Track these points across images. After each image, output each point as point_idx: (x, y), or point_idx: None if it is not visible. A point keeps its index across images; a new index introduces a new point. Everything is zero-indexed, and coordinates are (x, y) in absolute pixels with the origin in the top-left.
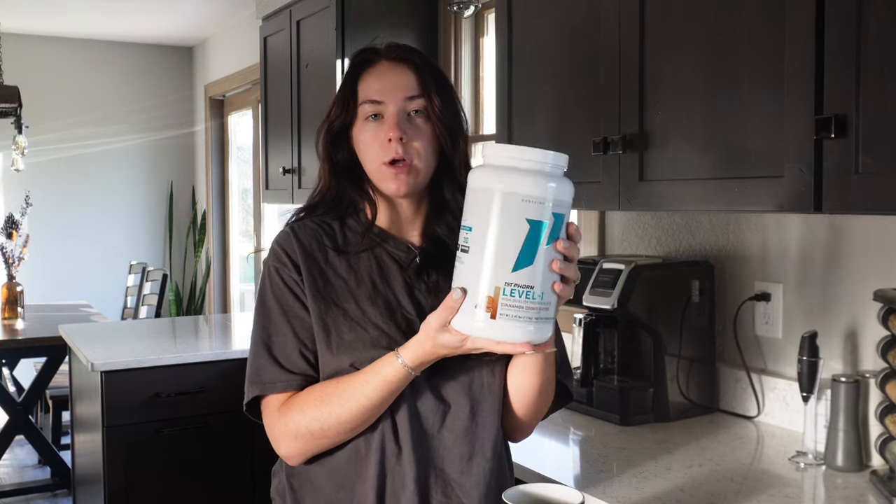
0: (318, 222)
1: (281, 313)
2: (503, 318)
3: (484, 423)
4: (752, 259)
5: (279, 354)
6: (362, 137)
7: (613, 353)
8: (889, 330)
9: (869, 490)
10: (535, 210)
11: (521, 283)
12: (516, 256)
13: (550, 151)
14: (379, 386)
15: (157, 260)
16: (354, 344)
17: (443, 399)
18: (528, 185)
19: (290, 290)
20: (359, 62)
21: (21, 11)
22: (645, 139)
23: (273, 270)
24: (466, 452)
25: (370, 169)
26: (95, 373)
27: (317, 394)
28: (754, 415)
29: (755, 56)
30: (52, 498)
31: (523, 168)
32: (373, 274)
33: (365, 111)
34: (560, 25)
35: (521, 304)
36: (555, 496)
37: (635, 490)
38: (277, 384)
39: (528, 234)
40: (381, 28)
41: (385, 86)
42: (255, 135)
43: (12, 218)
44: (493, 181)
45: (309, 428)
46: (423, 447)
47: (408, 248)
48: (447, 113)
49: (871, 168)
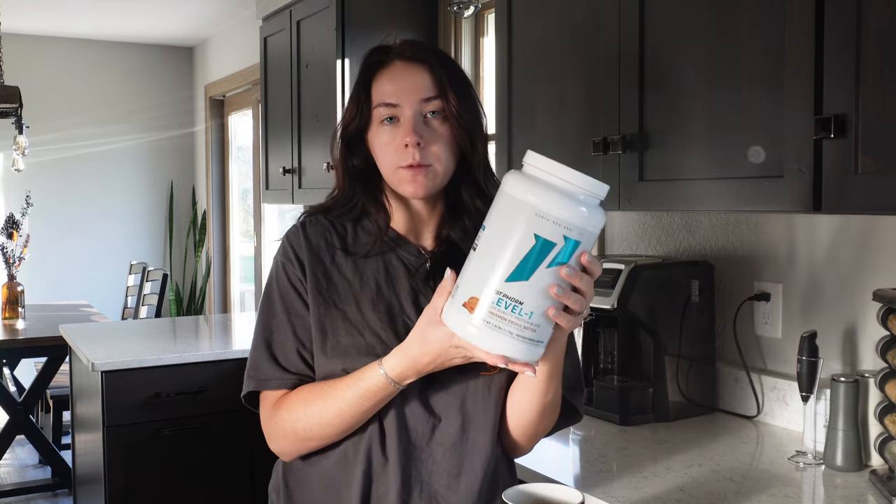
0: (331, 220)
1: (283, 310)
2: (486, 325)
3: (475, 439)
4: (752, 259)
5: (278, 352)
6: (378, 141)
7: (613, 353)
8: (888, 330)
9: (868, 490)
10: (546, 228)
11: (510, 296)
12: (514, 267)
13: (591, 178)
14: (359, 393)
15: (158, 260)
16: (349, 349)
17: (433, 411)
18: (548, 203)
19: (293, 288)
20: (371, 63)
21: (21, 11)
22: (645, 139)
23: (280, 266)
24: (455, 468)
25: (386, 172)
26: (96, 373)
27: (304, 394)
28: (754, 415)
29: (755, 56)
30: (52, 498)
31: (553, 185)
32: (378, 277)
33: (380, 114)
34: (560, 25)
35: (505, 317)
36: (555, 496)
37: (635, 490)
38: (272, 381)
39: (531, 249)
40: (381, 28)
41: (399, 87)
42: (255, 135)
43: (13, 218)
44: (516, 187)
45: (294, 427)
46: (410, 459)
47: (419, 252)
48: (465, 113)
49: (871, 168)
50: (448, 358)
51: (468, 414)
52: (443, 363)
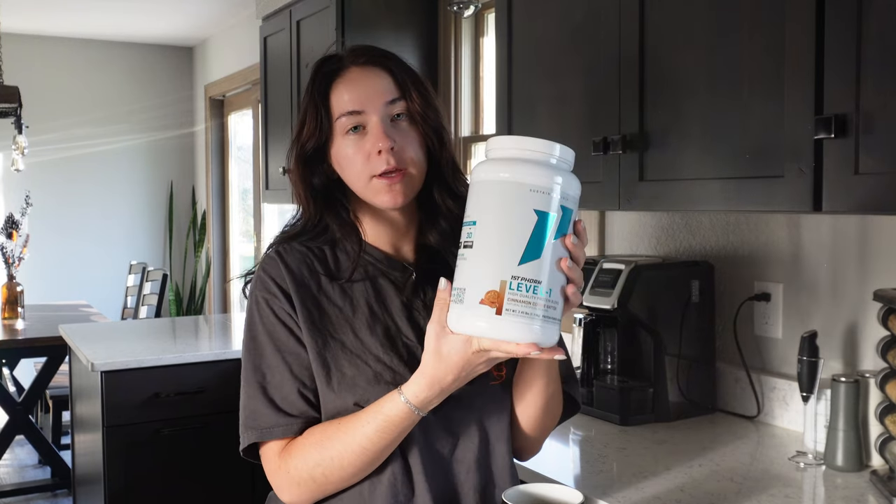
0: (307, 245)
1: (274, 350)
2: (509, 314)
3: (494, 450)
4: (752, 259)
5: (275, 396)
6: (343, 154)
7: (613, 353)
8: (889, 330)
9: (869, 490)
10: (542, 201)
11: (528, 277)
12: (524, 248)
13: (557, 143)
14: (381, 426)
15: (157, 260)
16: (357, 380)
17: (452, 430)
18: (535, 176)
19: (282, 324)
20: (324, 73)
21: (21, 11)
22: (645, 139)
23: (262, 302)
24: (480, 483)
25: (358, 186)
26: (95, 373)
27: (316, 437)
28: (754, 415)
29: (755, 56)
30: (52, 498)
31: (529, 158)
32: (369, 299)
33: (343, 125)
34: (560, 25)
35: (527, 300)
36: (555, 496)
37: (635, 490)
38: (276, 429)
39: (535, 225)
40: (380, 28)
41: (361, 94)
42: (255, 135)
43: (12, 218)
44: (499, 172)
45: (311, 475)
46: (438, 482)
47: (403, 266)
48: (430, 111)
49: (871, 168)
50: (472, 367)
51: (486, 426)
52: (468, 375)
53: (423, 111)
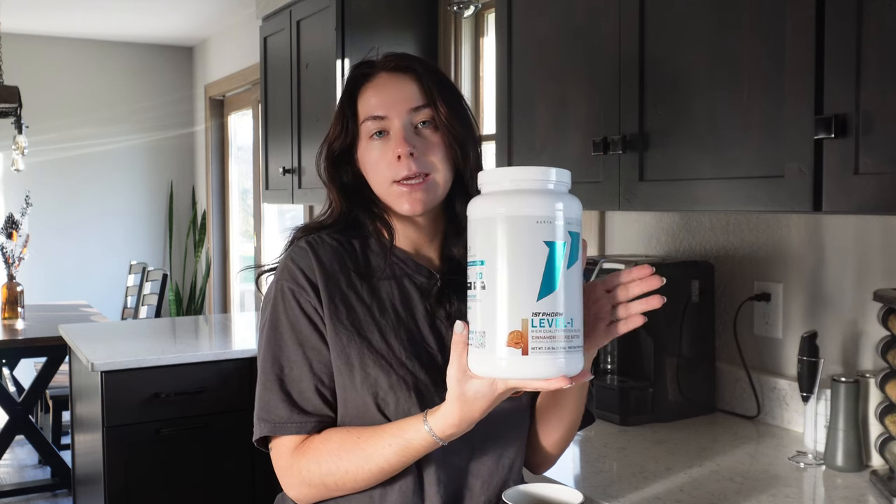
0: (338, 239)
1: (296, 343)
2: (535, 353)
3: (506, 463)
4: (752, 259)
5: (293, 390)
6: (368, 157)
7: (613, 353)
8: (889, 330)
9: (869, 490)
10: (549, 231)
11: (547, 312)
12: (540, 283)
13: (552, 168)
14: (401, 451)
15: (157, 260)
16: (379, 381)
17: (470, 442)
18: (537, 206)
19: (307, 318)
20: (355, 77)
21: (21, 11)
22: (645, 139)
23: (288, 292)
24: (494, 496)
25: (380, 190)
26: (95, 373)
27: (334, 445)
28: (754, 415)
29: (755, 56)
30: (52, 498)
31: (528, 189)
32: (395, 301)
33: (368, 129)
34: (560, 25)
35: (550, 334)
36: (555, 496)
37: (635, 490)
38: (290, 425)
39: (548, 258)
40: (380, 28)
41: (386, 99)
42: (255, 135)
43: (12, 218)
44: (499, 208)
45: (324, 480)
46: (450, 492)
47: (429, 272)
48: (456, 121)
49: (871, 168)
50: (498, 402)
51: (503, 440)
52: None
53: (448, 121)
